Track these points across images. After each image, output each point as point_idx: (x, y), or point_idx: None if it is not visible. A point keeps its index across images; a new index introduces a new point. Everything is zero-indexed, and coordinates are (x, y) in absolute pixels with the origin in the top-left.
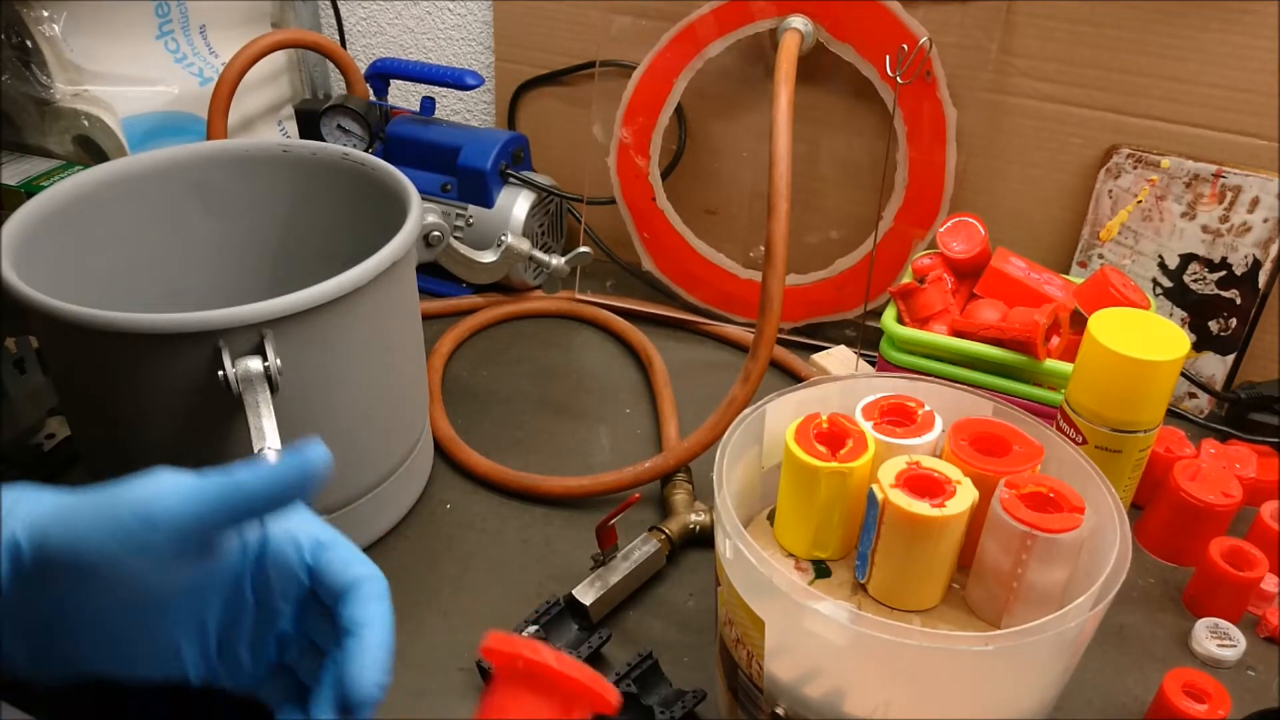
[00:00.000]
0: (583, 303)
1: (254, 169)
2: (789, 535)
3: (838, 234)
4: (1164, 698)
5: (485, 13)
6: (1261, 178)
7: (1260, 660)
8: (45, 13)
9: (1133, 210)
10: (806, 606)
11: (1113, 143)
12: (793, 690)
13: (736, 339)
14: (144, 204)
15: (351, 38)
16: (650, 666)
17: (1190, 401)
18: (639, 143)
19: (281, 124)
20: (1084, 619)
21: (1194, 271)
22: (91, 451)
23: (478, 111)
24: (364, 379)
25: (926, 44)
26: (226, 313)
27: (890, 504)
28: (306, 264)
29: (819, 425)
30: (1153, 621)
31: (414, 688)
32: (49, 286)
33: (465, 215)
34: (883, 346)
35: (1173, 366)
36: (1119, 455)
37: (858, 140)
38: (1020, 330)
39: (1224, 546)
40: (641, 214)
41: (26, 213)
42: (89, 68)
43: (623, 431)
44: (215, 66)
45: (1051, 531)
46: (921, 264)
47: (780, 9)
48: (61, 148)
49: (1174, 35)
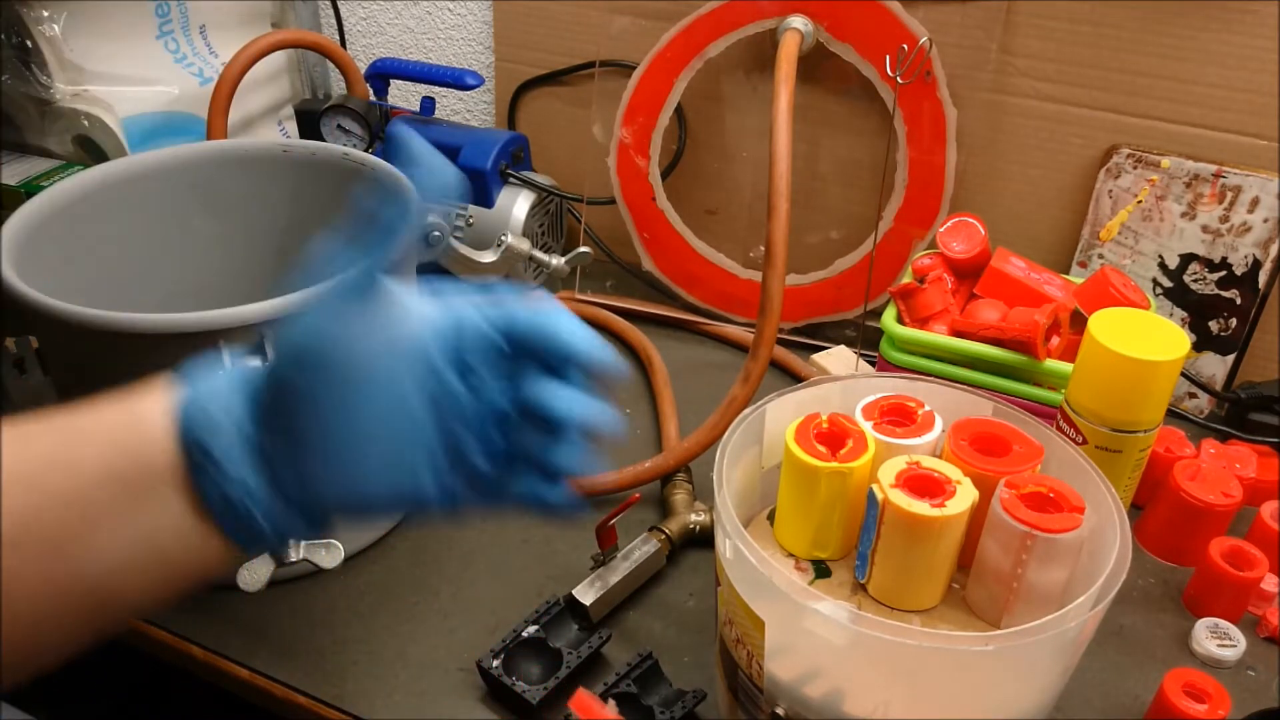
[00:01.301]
0: (583, 303)
1: (254, 169)
2: (789, 535)
3: (838, 234)
4: (1164, 698)
5: (485, 13)
6: (1261, 178)
7: (1260, 660)
8: (45, 13)
9: (1133, 210)
10: (806, 606)
11: (1113, 143)
12: (793, 690)
13: (736, 339)
14: (144, 204)
15: (351, 38)
16: (650, 666)
17: (1190, 401)
18: (639, 143)
19: (281, 124)
20: (1084, 619)
21: (1194, 271)
22: None
23: (478, 111)
24: None
25: (926, 44)
26: (226, 313)
27: (890, 504)
28: None
29: (819, 425)
30: (1153, 621)
31: (414, 688)
32: (49, 286)
33: (465, 215)
34: (883, 346)
35: (1173, 366)
36: (1119, 455)
37: (858, 140)
38: (1020, 330)
39: (1224, 546)
40: (641, 214)
41: (26, 213)
42: (89, 68)
43: (623, 431)
44: (215, 66)
45: (1051, 531)
46: (921, 264)
47: (780, 9)
48: (61, 148)
49: (1174, 35)
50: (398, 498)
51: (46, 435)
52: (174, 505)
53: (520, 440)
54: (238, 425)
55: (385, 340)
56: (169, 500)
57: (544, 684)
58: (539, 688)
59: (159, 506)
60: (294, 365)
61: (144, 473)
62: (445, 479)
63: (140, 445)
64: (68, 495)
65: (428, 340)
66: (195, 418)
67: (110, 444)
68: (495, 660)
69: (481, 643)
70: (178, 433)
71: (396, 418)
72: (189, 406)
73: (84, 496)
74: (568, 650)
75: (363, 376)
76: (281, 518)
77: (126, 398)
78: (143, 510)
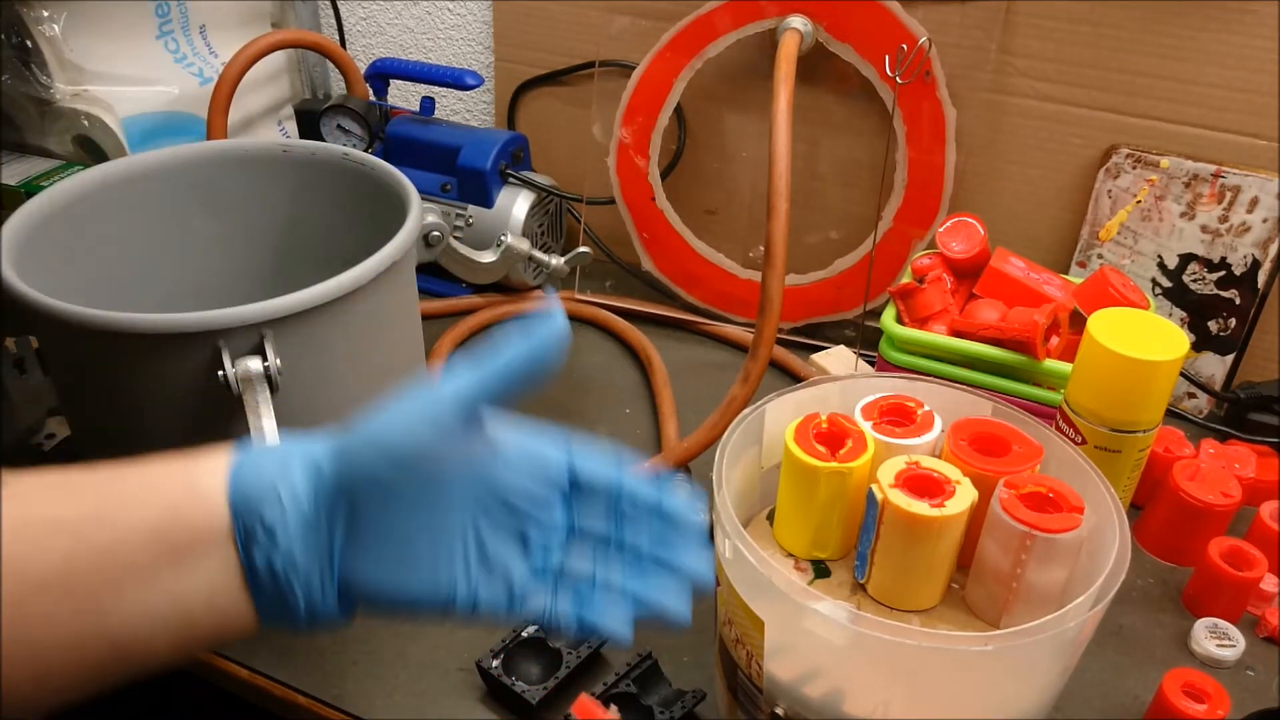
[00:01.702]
0: (582, 303)
1: (254, 169)
2: (788, 535)
3: (837, 234)
4: (1163, 698)
5: (485, 13)
6: (1261, 178)
7: (1259, 660)
8: (45, 13)
9: (1132, 210)
10: (806, 606)
11: (1112, 143)
12: (792, 690)
13: (736, 339)
14: (144, 204)
15: (351, 38)
16: (650, 666)
17: (1190, 401)
18: (639, 143)
19: (281, 124)
20: (1083, 619)
21: (1193, 271)
22: (92, 452)
23: (477, 111)
24: (364, 379)
25: (926, 44)
26: (226, 313)
27: (890, 504)
28: (306, 264)
29: (818, 425)
30: (1152, 621)
31: (414, 688)
32: (49, 286)
33: (465, 215)
34: (882, 346)
35: (1172, 366)
36: (1118, 455)
37: (857, 140)
38: (1020, 330)
39: (1223, 546)
40: (641, 214)
41: (26, 213)
42: (89, 68)
43: (622, 431)
44: (215, 66)
45: (1051, 531)
46: (921, 264)
47: (780, 9)
48: (61, 148)
49: (1174, 35)
50: (431, 600)
51: (96, 488)
52: (212, 571)
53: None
54: (295, 500)
55: (467, 461)
56: (209, 566)
57: (544, 684)
58: (539, 688)
59: (197, 571)
60: (388, 462)
61: (191, 536)
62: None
63: (192, 508)
64: (110, 548)
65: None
66: (254, 486)
67: (161, 504)
68: (495, 660)
69: (481, 642)
70: (233, 499)
71: (454, 533)
72: (248, 474)
73: (125, 552)
74: (567, 650)
75: (442, 489)
76: (319, 599)
77: (182, 458)
78: (180, 573)
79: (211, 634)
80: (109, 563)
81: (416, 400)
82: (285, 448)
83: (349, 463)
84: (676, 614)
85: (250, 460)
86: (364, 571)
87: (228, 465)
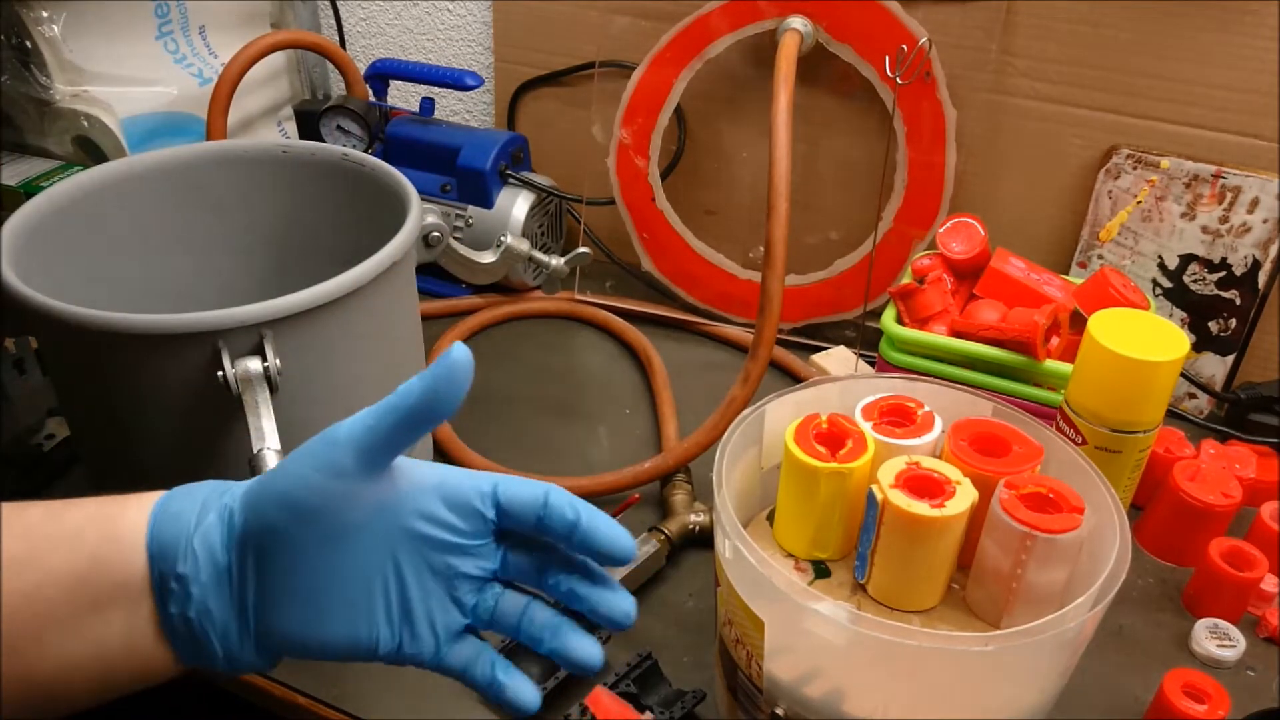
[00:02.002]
0: (582, 303)
1: (254, 169)
2: (789, 535)
3: (837, 234)
4: (1164, 698)
5: (485, 13)
6: (1261, 178)
7: (1260, 660)
8: (45, 13)
9: (1132, 211)
10: (806, 607)
11: (1112, 143)
12: (792, 690)
13: (736, 339)
14: (144, 204)
15: (351, 38)
16: (650, 667)
17: (1190, 402)
18: (638, 143)
19: (281, 124)
20: (1084, 619)
21: (1194, 272)
22: (91, 452)
23: (477, 112)
24: (364, 379)
25: (926, 44)
26: (226, 313)
27: (890, 504)
28: (306, 264)
29: (819, 426)
30: (1152, 622)
31: (414, 688)
32: (49, 287)
33: (465, 216)
34: (882, 347)
35: (1172, 367)
36: (1119, 456)
37: (857, 141)
38: (1020, 331)
39: (1224, 547)
40: (641, 214)
41: (26, 213)
42: (89, 68)
43: (622, 432)
44: (215, 67)
45: (1051, 532)
46: (921, 264)
47: (780, 9)
48: (61, 148)
49: (1174, 35)
50: (351, 648)
51: (26, 531)
52: (131, 620)
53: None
54: (210, 551)
55: (377, 504)
56: (128, 615)
57: (544, 684)
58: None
59: (115, 620)
60: (286, 513)
61: (111, 586)
62: (401, 639)
63: (114, 558)
64: (31, 593)
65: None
66: (170, 537)
67: (85, 552)
68: None
69: None
70: (150, 549)
71: (370, 579)
72: (166, 524)
73: (47, 598)
74: None
75: (349, 536)
76: (236, 648)
77: (111, 503)
78: (99, 620)
79: (132, 679)
80: (30, 610)
81: (311, 447)
82: (206, 496)
83: (254, 513)
84: (590, 663)
85: (170, 510)
86: (279, 621)
87: (149, 514)
